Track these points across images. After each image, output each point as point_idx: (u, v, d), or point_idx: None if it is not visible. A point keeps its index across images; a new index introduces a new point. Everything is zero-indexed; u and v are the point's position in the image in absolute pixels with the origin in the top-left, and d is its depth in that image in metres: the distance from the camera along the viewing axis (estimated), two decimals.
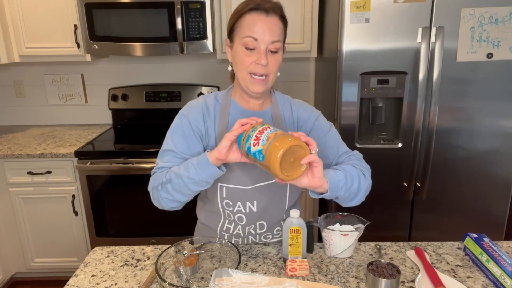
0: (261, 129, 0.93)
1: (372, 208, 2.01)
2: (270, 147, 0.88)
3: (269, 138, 0.90)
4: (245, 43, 1.01)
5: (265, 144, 0.89)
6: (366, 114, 1.98)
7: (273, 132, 0.91)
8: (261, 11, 1.00)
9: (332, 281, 1.01)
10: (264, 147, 0.89)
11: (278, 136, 0.89)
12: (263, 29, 0.99)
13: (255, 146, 0.91)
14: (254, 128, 0.94)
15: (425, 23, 1.77)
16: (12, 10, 2.25)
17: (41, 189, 2.25)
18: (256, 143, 0.91)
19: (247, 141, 0.93)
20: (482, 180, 1.95)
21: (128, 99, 2.64)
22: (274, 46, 1.01)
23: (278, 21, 1.02)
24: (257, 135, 0.92)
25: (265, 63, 1.00)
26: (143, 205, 2.22)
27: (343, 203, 1.08)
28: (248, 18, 1.00)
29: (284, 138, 0.88)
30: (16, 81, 2.72)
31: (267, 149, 0.89)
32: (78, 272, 1.08)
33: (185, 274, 0.99)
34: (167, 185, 1.02)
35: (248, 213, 1.14)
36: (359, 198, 1.07)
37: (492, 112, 1.87)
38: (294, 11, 2.22)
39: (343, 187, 1.00)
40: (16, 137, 2.50)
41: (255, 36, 0.99)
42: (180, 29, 2.15)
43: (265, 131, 0.92)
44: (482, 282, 1.00)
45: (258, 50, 1.00)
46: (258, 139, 0.91)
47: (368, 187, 1.08)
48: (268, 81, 1.04)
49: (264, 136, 0.91)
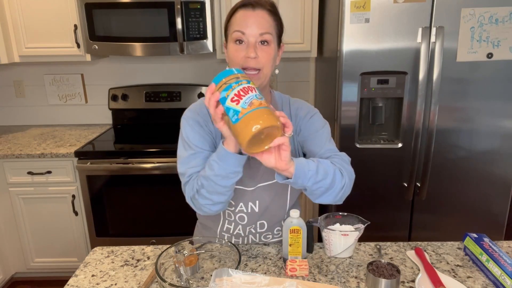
0: (246, 86, 0.86)
1: (372, 208, 2.01)
2: (250, 116, 0.82)
3: (252, 104, 0.83)
4: (233, 38, 1.02)
5: (246, 108, 0.83)
6: (366, 114, 1.98)
7: (258, 100, 0.84)
8: (247, 7, 1.02)
9: (332, 281, 1.01)
10: (243, 111, 0.83)
11: (261, 108, 0.83)
12: (251, 22, 1.00)
13: (233, 102, 0.84)
14: (239, 81, 0.87)
15: (425, 23, 1.77)
16: (12, 10, 2.25)
17: (41, 189, 2.25)
18: (236, 100, 0.84)
19: (225, 89, 0.86)
20: (482, 180, 1.95)
21: (128, 99, 2.64)
22: (263, 37, 1.01)
23: (265, 15, 1.02)
24: (241, 91, 0.85)
25: (254, 55, 1.00)
26: (143, 205, 2.22)
27: (311, 196, 1.01)
28: (237, 15, 1.03)
29: (266, 114, 0.82)
30: (16, 81, 2.72)
31: (245, 116, 0.82)
32: (78, 272, 1.08)
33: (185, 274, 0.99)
34: (201, 190, 0.99)
35: (250, 213, 1.14)
36: (331, 196, 1.01)
37: (492, 112, 1.87)
38: (294, 11, 2.22)
39: (311, 177, 0.95)
40: (16, 137, 2.50)
41: (242, 30, 1.00)
42: (180, 29, 2.15)
43: (250, 93, 0.85)
44: (482, 282, 1.00)
45: (247, 44, 1.01)
46: (239, 97, 0.84)
47: (344, 188, 1.02)
48: (262, 75, 1.03)
49: (248, 99, 0.84)
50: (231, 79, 0.87)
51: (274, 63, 1.07)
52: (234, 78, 0.87)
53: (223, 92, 0.86)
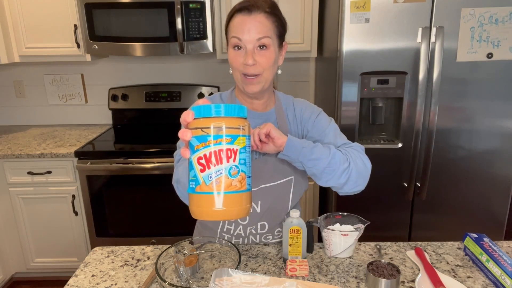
0: (225, 149, 0.65)
1: (372, 208, 2.01)
2: (204, 199, 0.65)
3: (217, 184, 0.64)
4: (232, 43, 1.02)
5: (208, 186, 0.64)
6: (366, 114, 1.98)
7: (230, 178, 0.65)
8: (243, 12, 1.00)
9: (332, 281, 1.01)
10: (202, 187, 0.65)
11: (228, 194, 0.65)
12: (247, 29, 0.99)
13: (199, 165, 0.65)
14: (218, 137, 0.64)
15: (425, 23, 1.77)
16: (12, 10, 2.25)
17: (41, 189, 2.25)
18: (202, 164, 0.65)
19: (198, 138, 0.65)
20: (482, 180, 1.95)
21: (128, 99, 2.64)
22: (261, 42, 1.00)
23: (262, 18, 1.00)
24: (212, 156, 0.64)
25: (252, 62, 0.99)
26: (143, 205, 2.22)
27: (314, 178, 1.04)
28: (235, 20, 1.02)
29: (228, 203, 0.65)
30: (16, 81, 2.72)
31: (200, 194, 0.65)
32: (78, 272, 1.08)
33: (185, 274, 0.99)
34: (177, 185, 1.01)
35: (252, 213, 1.14)
36: (334, 178, 1.02)
37: (492, 112, 1.87)
38: (294, 11, 2.22)
39: (303, 151, 0.99)
40: (16, 137, 2.50)
41: (239, 36, 1.00)
42: (180, 29, 2.15)
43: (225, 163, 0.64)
44: (482, 282, 1.00)
45: (245, 50, 1.01)
46: (207, 163, 0.64)
47: (348, 172, 1.02)
48: (262, 80, 1.03)
49: (216, 172, 0.64)
50: (210, 128, 0.64)
51: (276, 65, 1.07)
52: (216, 129, 0.64)
53: (195, 140, 0.65)
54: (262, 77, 1.03)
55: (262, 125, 0.99)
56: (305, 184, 1.19)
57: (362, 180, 1.06)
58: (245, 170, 0.68)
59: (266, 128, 0.98)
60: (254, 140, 0.99)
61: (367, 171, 1.07)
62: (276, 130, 0.99)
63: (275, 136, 0.98)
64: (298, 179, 1.15)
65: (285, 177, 1.13)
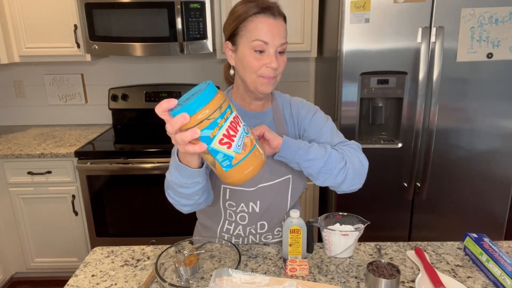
0: (233, 120, 0.72)
1: (372, 208, 2.01)
2: (245, 163, 0.73)
3: (245, 147, 0.73)
4: (254, 47, 0.99)
5: (241, 153, 0.72)
6: (366, 114, 1.98)
7: (248, 136, 0.75)
8: (268, 15, 0.98)
9: (332, 281, 1.01)
10: (238, 157, 0.72)
11: (254, 149, 0.75)
12: (273, 32, 0.98)
13: (224, 145, 0.71)
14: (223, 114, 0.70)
15: (425, 23, 1.77)
16: (12, 10, 2.25)
17: (41, 189, 2.25)
18: (227, 142, 0.71)
19: (209, 127, 0.69)
20: (482, 180, 1.95)
21: (128, 99, 2.64)
22: (283, 48, 1.01)
23: (284, 24, 1.02)
24: (230, 130, 0.70)
25: (276, 66, 0.99)
26: (143, 205, 2.22)
27: (311, 178, 1.05)
28: (256, 21, 0.98)
29: (258, 154, 0.76)
30: (16, 81, 2.72)
31: (240, 162, 0.73)
32: (78, 272, 1.08)
33: (185, 274, 0.99)
34: (168, 190, 1.00)
35: (251, 213, 1.14)
36: (331, 178, 1.03)
37: (492, 112, 1.87)
38: (294, 11, 2.22)
39: (299, 152, 0.99)
40: (16, 137, 2.50)
41: (265, 40, 0.98)
42: (180, 29, 2.15)
43: (239, 128, 0.73)
44: (482, 282, 1.00)
45: (268, 53, 0.99)
46: (230, 138, 0.71)
47: (344, 171, 1.02)
48: (275, 82, 1.05)
49: (239, 139, 0.72)
50: (214, 112, 0.68)
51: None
52: (217, 110, 0.69)
53: (206, 130, 0.69)
54: (276, 80, 1.04)
55: (256, 127, 0.99)
56: (303, 182, 1.19)
57: (359, 179, 1.06)
58: (246, 124, 0.78)
59: (259, 130, 0.98)
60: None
61: (364, 169, 1.07)
62: (271, 131, 0.99)
63: (270, 138, 0.98)
64: (296, 177, 1.15)
65: (283, 176, 1.13)
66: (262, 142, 1.00)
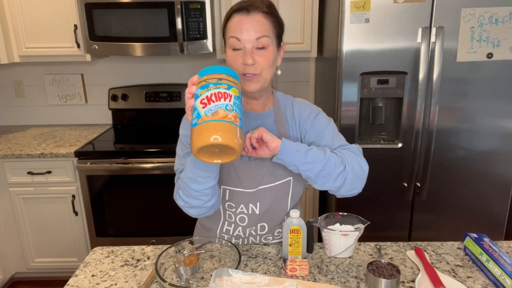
0: (222, 92, 0.79)
1: (372, 208, 2.01)
2: (206, 126, 0.76)
3: (216, 114, 0.77)
4: (231, 44, 1.01)
5: (208, 116, 0.76)
6: (366, 114, 1.98)
7: (226, 112, 0.77)
8: (242, 12, 1.00)
9: (332, 281, 1.01)
10: (204, 118, 0.77)
11: (223, 122, 0.76)
12: (246, 28, 0.98)
13: (201, 104, 0.78)
14: (218, 84, 0.80)
15: (425, 23, 1.77)
16: (12, 10, 2.25)
17: (41, 189, 2.25)
18: (204, 103, 0.78)
19: (202, 87, 0.81)
20: (482, 180, 1.95)
21: (128, 99, 2.64)
22: (260, 42, 1.00)
23: (261, 18, 1.00)
24: (213, 95, 0.78)
25: (251, 62, 0.99)
26: (143, 205, 2.22)
27: (310, 181, 1.04)
28: (232, 20, 1.01)
29: (225, 130, 0.76)
30: (16, 81, 2.72)
31: (203, 124, 0.77)
32: (78, 272, 1.08)
33: (185, 274, 0.99)
34: (179, 192, 1.01)
35: (251, 214, 1.14)
36: (329, 182, 1.02)
37: (492, 112, 1.87)
38: (294, 11, 2.22)
39: (298, 154, 0.99)
40: (16, 137, 2.50)
41: (237, 36, 0.99)
42: (180, 29, 2.15)
43: (223, 101, 0.78)
44: (482, 282, 1.00)
45: (244, 50, 1.00)
46: (208, 102, 0.78)
47: (344, 175, 1.01)
48: (261, 79, 1.03)
49: (215, 106, 0.77)
50: (212, 78, 0.82)
51: (275, 65, 1.06)
52: (216, 79, 0.82)
53: (199, 90, 0.82)
54: (261, 76, 1.02)
55: (255, 130, 0.99)
56: (304, 184, 1.18)
57: (359, 183, 1.05)
58: (238, 112, 0.81)
59: (258, 132, 0.98)
60: (246, 145, 0.99)
61: (364, 174, 1.06)
62: (269, 134, 0.99)
63: (268, 140, 0.98)
64: (296, 179, 1.14)
65: (284, 178, 1.12)
66: (260, 144, 1.00)
